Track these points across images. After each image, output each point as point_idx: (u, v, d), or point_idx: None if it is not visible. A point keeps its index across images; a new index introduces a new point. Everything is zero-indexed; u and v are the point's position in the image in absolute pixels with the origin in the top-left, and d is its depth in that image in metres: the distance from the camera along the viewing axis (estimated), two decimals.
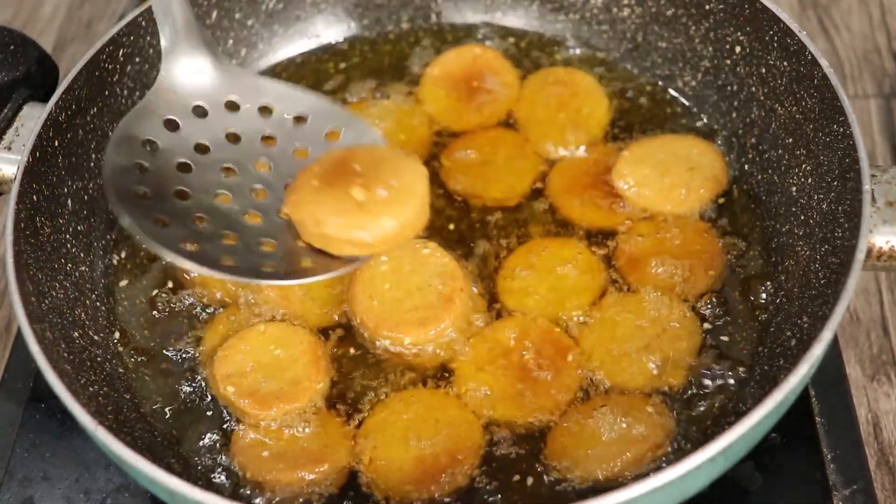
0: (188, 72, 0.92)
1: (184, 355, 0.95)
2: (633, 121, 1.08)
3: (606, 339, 0.91)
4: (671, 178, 1.00)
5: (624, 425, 0.85)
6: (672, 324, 0.91)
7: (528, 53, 1.16)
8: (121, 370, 0.93)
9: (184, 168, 0.89)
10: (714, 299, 0.94)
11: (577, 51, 1.15)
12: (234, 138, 0.92)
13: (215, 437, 0.89)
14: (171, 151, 0.89)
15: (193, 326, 0.96)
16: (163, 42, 0.91)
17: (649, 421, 0.85)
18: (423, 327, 0.91)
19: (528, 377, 0.89)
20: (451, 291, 0.92)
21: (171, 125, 0.90)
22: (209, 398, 0.92)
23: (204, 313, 0.97)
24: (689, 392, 0.89)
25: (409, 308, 0.92)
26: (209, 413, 0.91)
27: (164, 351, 0.95)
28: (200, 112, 0.92)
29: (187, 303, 0.98)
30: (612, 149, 1.05)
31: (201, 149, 0.90)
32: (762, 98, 1.01)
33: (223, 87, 0.93)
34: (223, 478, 0.87)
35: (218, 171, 0.90)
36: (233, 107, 0.93)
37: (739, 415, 0.75)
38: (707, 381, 0.90)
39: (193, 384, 0.92)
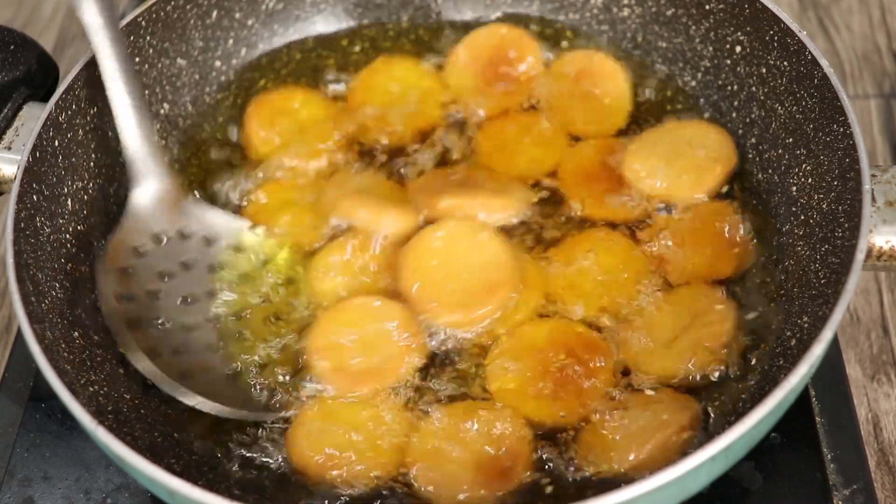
0: (150, 203, 0.98)
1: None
2: (636, 117, 1.08)
3: (642, 333, 0.90)
4: (682, 163, 1.00)
5: (648, 414, 0.84)
6: (707, 312, 0.91)
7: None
8: (121, 370, 0.93)
9: (153, 295, 0.95)
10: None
11: (577, 50, 1.15)
12: (185, 266, 0.97)
13: (215, 436, 0.89)
14: (146, 272, 0.95)
15: None
16: (131, 177, 0.97)
17: (675, 406, 0.85)
18: (463, 310, 0.91)
19: (560, 381, 0.88)
20: (497, 281, 0.91)
21: (136, 253, 0.97)
22: None
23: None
24: (689, 393, 0.89)
25: (451, 289, 0.91)
26: (209, 413, 0.91)
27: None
28: (158, 241, 0.98)
29: None
30: (620, 142, 1.05)
31: (163, 275, 0.96)
32: (762, 98, 1.01)
33: (176, 219, 0.99)
34: (224, 477, 0.87)
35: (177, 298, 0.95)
36: (183, 235, 0.99)
37: (739, 414, 0.75)
38: (707, 382, 0.90)
39: None
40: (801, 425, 0.92)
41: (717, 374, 0.88)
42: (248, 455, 0.88)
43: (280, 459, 0.87)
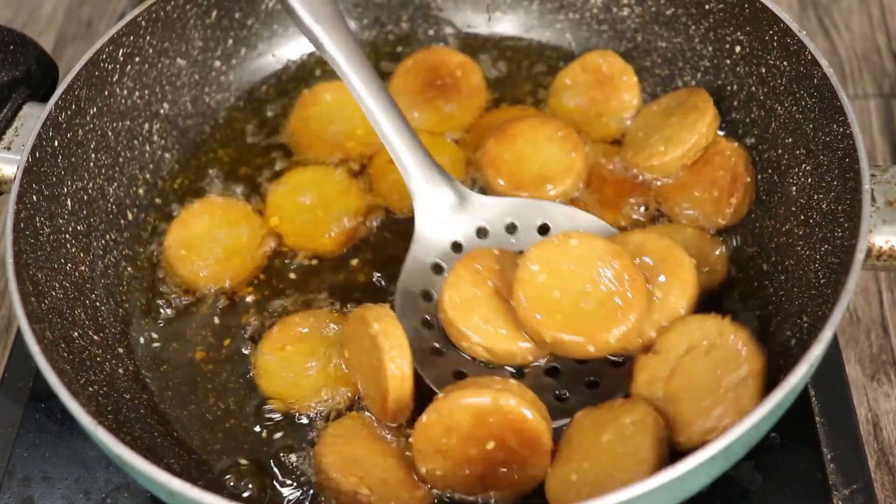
0: (439, 214, 0.97)
1: (184, 356, 0.95)
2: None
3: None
4: (675, 120, 1.01)
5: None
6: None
7: (528, 54, 1.16)
8: (120, 370, 0.93)
9: None
10: (713, 299, 0.95)
11: (577, 51, 1.15)
12: None
13: (215, 437, 0.89)
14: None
15: (192, 326, 0.96)
16: (412, 190, 0.96)
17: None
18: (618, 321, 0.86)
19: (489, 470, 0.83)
20: (632, 279, 0.87)
21: (438, 269, 0.96)
22: (210, 398, 0.92)
23: (202, 313, 0.97)
24: None
25: (592, 307, 0.86)
26: (209, 414, 0.91)
27: (164, 351, 0.95)
28: (458, 247, 0.97)
29: (186, 302, 0.98)
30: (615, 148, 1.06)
31: None
32: (762, 98, 1.01)
33: (471, 218, 0.97)
34: (225, 477, 0.87)
35: None
36: (482, 233, 0.98)
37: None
38: None
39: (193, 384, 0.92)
40: (800, 425, 0.92)
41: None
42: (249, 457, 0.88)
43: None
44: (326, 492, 0.84)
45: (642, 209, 1.01)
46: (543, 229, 0.97)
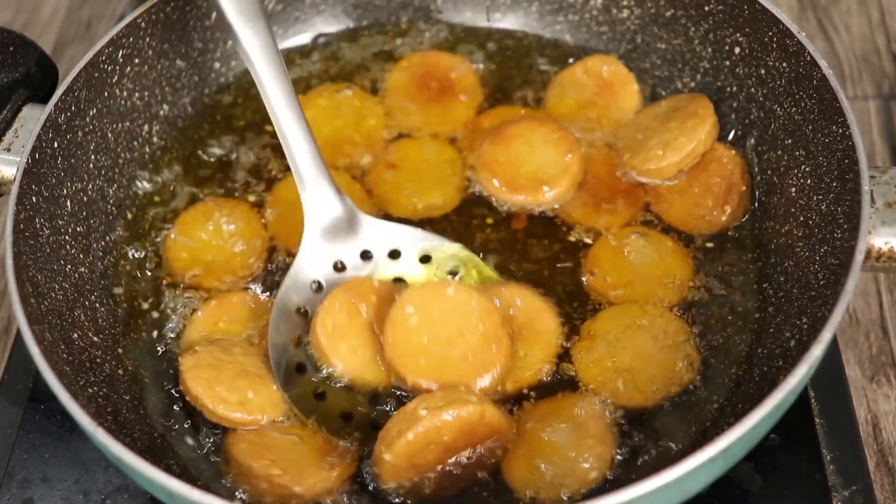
0: (327, 232, 0.95)
1: (190, 347, 0.95)
2: None
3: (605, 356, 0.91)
4: (674, 125, 1.01)
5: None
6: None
7: (528, 55, 1.16)
8: (120, 371, 0.93)
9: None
10: (714, 299, 0.95)
11: (577, 53, 1.16)
12: None
13: (215, 438, 0.89)
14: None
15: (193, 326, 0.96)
16: (304, 203, 0.95)
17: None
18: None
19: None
20: (498, 338, 0.88)
21: (318, 287, 0.95)
22: None
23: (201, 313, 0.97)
24: (688, 394, 0.89)
25: (456, 358, 0.87)
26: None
27: (164, 352, 0.95)
28: (340, 267, 0.96)
29: (186, 303, 0.98)
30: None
31: None
32: (761, 99, 1.01)
33: (358, 239, 0.97)
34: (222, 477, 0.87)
35: None
36: (366, 255, 0.97)
37: (739, 415, 0.75)
38: (706, 383, 0.90)
39: None
40: (800, 426, 0.92)
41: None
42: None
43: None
44: (241, 480, 0.85)
45: (635, 212, 1.01)
46: (425, 259, 0.97)
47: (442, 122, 1.10)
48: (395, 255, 0.97)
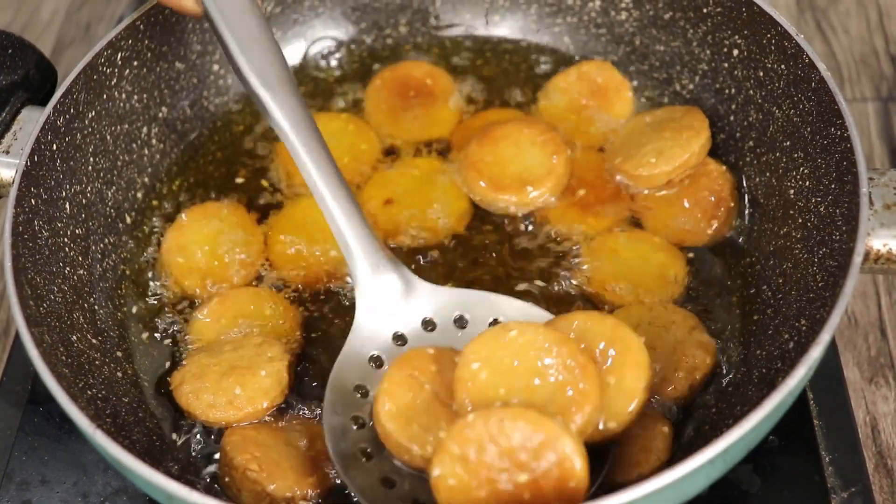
0: (382, 302, 0.90)
1: (182, 359, 0.95)
2: None
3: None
4: (669, 135, 1.01)
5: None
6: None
7: (526, 58, 1.17)
8: (119, 374, 0.93)
9: None
10: (712, 302, 0.95)
11: (575, 55, 1.16)
12: None
13: (216, 438, 0.89)
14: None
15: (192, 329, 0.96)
16: (353, 275, 0.90)
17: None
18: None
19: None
20: (582, 367, 0.80)
21: (377, 362, 0.89)
22: None
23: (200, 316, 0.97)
24: (686, 394, 0.89)
25: (543, 402, 0.79)
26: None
27: (163, 354, 0.95)
28: (402, 339, 0.90)
29: (186, 305, 0.98)
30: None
31: None
32: (760, 101, 1.02)
33: (417, 308, 0.91)
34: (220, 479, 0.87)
35: None
36: (429, 324, 0.91)
37: (738, 417, 0.75)
38: (704, 384, 0.90)
39: None
40: (799, 428, 0.92)
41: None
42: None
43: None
44: (223, 472, 0.86)
45: (620, 218, 1.01)
46: (494, 323, 0.90)
47: (426, 129, 1.10)
48: (460, 321, 0.91)
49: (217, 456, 0.88)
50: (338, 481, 0.85)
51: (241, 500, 0.84)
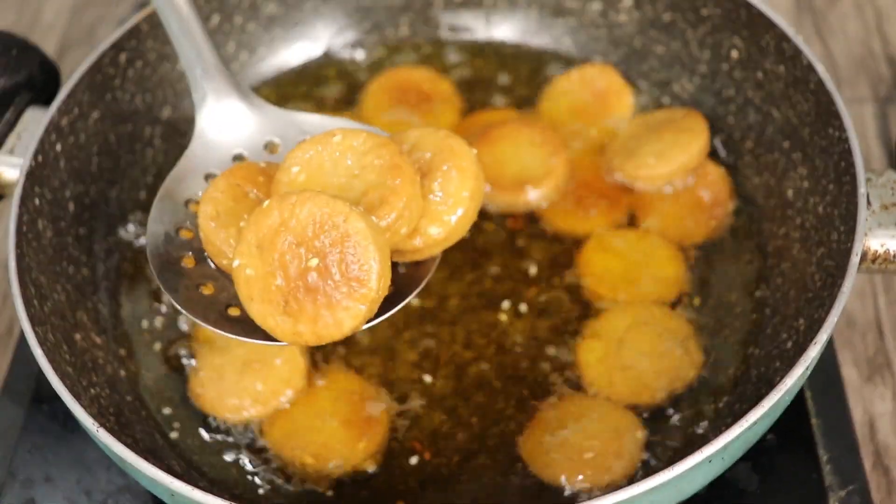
0: (224, 120, 0.89)
1: (185, 357, 0.95)
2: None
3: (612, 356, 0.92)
4: (668, 137, 1.02)
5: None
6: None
7: (526, 59, 1.17)
8: (122, 372, 0.94)
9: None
10: (711, 301, 0.95)
11: (575, 56, 1.16)
12: None
13: (217, 437, 0.90)
14: None
15: (194, 328, 0.97)
16: (194, 94, 0.89)
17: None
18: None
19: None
20: (397, 167, 0.79)
21: (211, 179, 0.88)
22: None
23: None
24: (685, 394, 0.90)
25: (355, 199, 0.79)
26: (211, 414, 0.91)
27: (166, 353, 0.96)
28: (241, 160, 0.89)
29: None
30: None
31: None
32: (758, 102, 1.02)
33: (260, 130, 0.90)
34: (227, 475, 0.88)
35: None
36: (272, 148, 0.90)
37: (736, 416, 0.76)
38: (703, 384, 0.90)
39: None
40: (797, 427, 0.92)
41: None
42: (248, 458, 0.89)
43: (275, 466, 0.88)
44: (279, 462, 0.88)
45: (619, 216, 1.01)
46: None
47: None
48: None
49: (216, 456, 0.89)
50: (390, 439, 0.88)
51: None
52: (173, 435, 0.91)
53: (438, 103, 1.12)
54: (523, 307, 0.96)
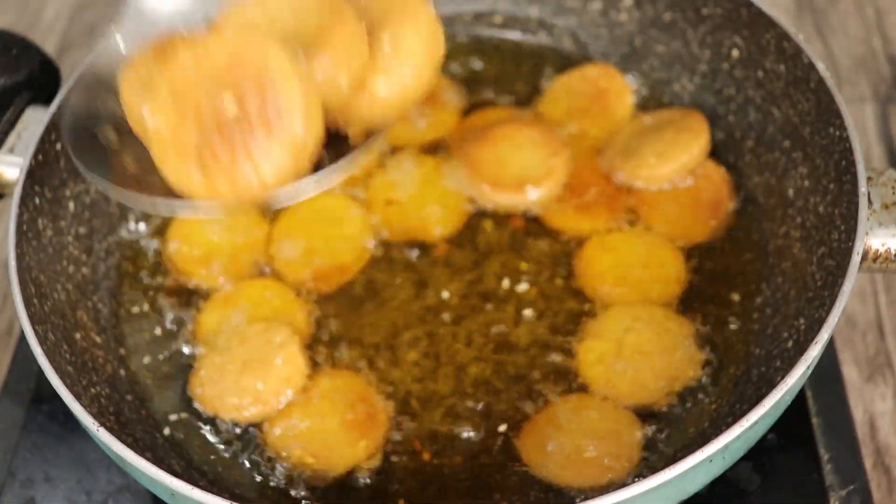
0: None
1: (185, 357, 0.95)
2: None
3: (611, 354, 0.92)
4: (669, 136, 1.02)
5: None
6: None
7: (527, 58, 1.17)
8: (122, 372, 0.94)
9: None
10: (711, 301, 0.95)
11: (575, 56, 1.16)
12: None
13: (217, 437, 0.90)
14: None
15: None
16: None
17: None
18: None
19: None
20: (338, 12, 0.74)
21: None
22: None
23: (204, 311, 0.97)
24: (686, 394, 0.90)
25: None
26: (211, 414, 0.92)
27: (166, 352, 0.96)
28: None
29: (190, 302, 0.99)
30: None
31: None
32: (759, 101, 1.02)
33: (196, 4, 0.82)
34: (227, 476, 0.88)
35: None
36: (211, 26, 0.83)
37: (737, 415, 0.76)
38: (704, 383, 0.90)
39: None
40: (797, 426, 0.92)
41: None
42: (247, 457, 0.89)
43: (278, 467, 0.88)
44: (278, 461, 0.88)
45: (620, 216, 1.01)
46: None
47: (426, 130, 1.10)
48: None
49: (215, 455, 0.89)
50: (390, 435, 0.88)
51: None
52: (173, 434, 0.91)
53: (439, 103, 1.12)
54: (523, 307, 0.96)
